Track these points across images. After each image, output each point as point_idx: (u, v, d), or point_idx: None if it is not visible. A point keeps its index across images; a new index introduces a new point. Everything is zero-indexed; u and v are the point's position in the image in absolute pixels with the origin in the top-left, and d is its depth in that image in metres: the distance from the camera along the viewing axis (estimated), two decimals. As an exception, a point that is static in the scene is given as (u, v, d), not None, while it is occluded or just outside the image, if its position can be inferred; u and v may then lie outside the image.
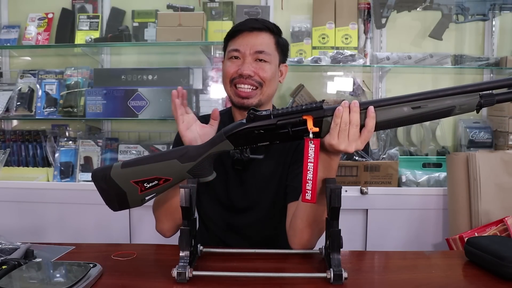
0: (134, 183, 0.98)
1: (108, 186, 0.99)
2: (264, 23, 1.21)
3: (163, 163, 0.97)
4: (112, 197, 1.00)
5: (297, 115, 0.91)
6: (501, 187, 1.81)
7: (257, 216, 1.24)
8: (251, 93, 1.18)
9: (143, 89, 2.20)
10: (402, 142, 2.27)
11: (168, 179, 0.97)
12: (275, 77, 1.22)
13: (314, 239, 1.06)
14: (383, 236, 2.02)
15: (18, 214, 2.10)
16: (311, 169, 0.88)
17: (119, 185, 0.98)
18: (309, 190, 0.88)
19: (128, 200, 1.00)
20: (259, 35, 1.19)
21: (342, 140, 0.89)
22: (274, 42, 1.22)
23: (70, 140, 2.27)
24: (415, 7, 2.23)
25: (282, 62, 1.27)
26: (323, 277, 0.88)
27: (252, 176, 1.23)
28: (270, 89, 1.21)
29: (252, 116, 0.93)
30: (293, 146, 1.22)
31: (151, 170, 0.97)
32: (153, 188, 0.98)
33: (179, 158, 0.97)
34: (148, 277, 0.92)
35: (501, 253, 0.92)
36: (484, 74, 2.36)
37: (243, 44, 1.18)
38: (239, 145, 0.96)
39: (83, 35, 2.31)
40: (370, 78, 2.35)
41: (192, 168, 0.97)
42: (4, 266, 0.88)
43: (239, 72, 1.18)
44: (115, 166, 0.99)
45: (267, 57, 1.19)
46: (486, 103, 0.89)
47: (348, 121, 0.89)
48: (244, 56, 1.18)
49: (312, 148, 0.87)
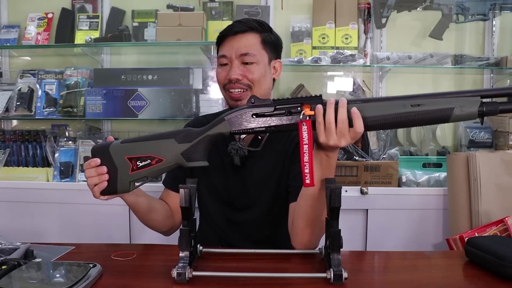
0: (128, 159, 0.97)
1: (104, 159, 0.99)
2: (248, 23, 1.21)
3: (161, 141, 0.97)
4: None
5: (296, 104, 0.93)
6: (501, 187, 1.81)
7: (257, 213, 1.24)
8: (242, 95, 1.20)
9: (143, 89, 2.20)
10: (402, 142, 2.27)
11: (161, 160, 0.96)
12: (265, 76, 1.22)
13: (316, 238, 1.06)
14: (383, 236, 2.02)
15: (18, 214, 2.10)
16: (306, 151, 0.89)
17: (114, 160, 0.98)
18: (307, 173, 0.89)
19: (117, 180, 0.98)
20: (242, 37, 1.20)
21: (329, 137, 0.90)
22: (260, 41, 1.21)
23: (70, 140, 2.27)
24: (415, 7, 2.23)
25: (275, 58, 1.26)
26: (323, 277, 0.88)
27: (252, 174, 1.24)
28: (262, 89, 1.21)
29: (253, 101, 0.95)
30: (292, 144, 1.22)
31: (148, 147, 0.97)
32: (144, 168, 0.96)
33: (176, 137, 0.97)
34: (148, 277, 0.92)
35: (501, 253, 0.92)
36: (484, 74, 2.36)
37: (229, 49, 1.20)
38: (236, 133, 0.96)
39: (83, 35, 2.31)
40: (370, 78, 2.35)
41: (186, 150, 0.96)
42: (4, 266, 0.88)
43: (228, 77, 1.20)
44: (116, 142, 1.00)
45: (253, 58, 1.19)
46: (489, 111, 0.86)
47: (333, 120, 0.89)
48: (231, 61, 1.20)
49: (305, 130, 0.89)
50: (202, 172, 1.27)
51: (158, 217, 1.21)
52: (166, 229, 1.26)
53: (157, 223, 1.22)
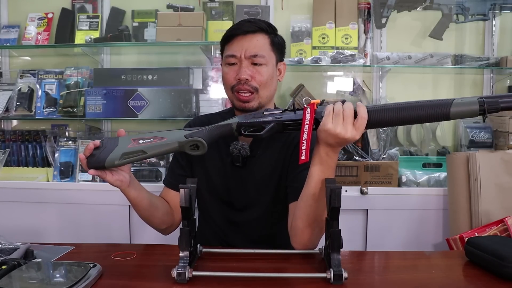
0: (132, 140, 0.99)
1: (108, 142, 1.01)
2: (258, 24, 1.20)
3: (170, 131, 1.00)
4: (102, 149, 1.00)
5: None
6: (501, 187, 1.81)
7: (257, 213, 1.25)
8: (250, 97, 1.19)
9: (143, 89, 2.20)
10: (402, 142, 2.27)
11: (162, 138, 0.98)
12: (272, 78, 1.22)
13: (315, 238, 1.06)
14: (383, 236, 2.02)
15: (18, 214, 2.10)
16: (306, 131, 0.96)
17: (118, 141, 1.00)
18: (303, 150, 0.95)
19: (112, 152, 0.98)
20: (253, 38, 1.19)
21: (337, 123, 0.94)
22: (269, 42, 1.21)
23: (70, 140, 2.26)
24: (415, 7, 2.23)
25: (280, 60, 1.26)
26: (323, 277, 0.88)
27: (252, 174, 1.24)
28: (268, 90, 1.22)
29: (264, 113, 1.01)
30: (292, 144, 1.23)
31: (155, 133, 1.00)
32: (143, 144, 0.98)
33: (185, 129, 1.00)
34: (148, 277, 0.92)
35: (501, 253, 0.92)
36: (484, 74, 2.36)
37: (238, 49, 1.19)
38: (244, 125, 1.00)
39: (83, 35, 2.31)
40: (370, 78, 2.35)
41: (191, 133, 0.98)
42: (4, 266, 0.88)
43: (237, 77, 1.19)
44: (127, 137, 1.02)
45: (263, 60, 1.19)
46: (491, 108, 0.88)
47: (341, 107, 0.95)
48: (240, 61, 1.19)
49: (309, 113, 0.96)
50: (203, 172, 1.27)
51: (158, 214, 1.21)
52: (165, 226, 1.25)
53: (158, 220, 1.22)
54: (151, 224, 1.23)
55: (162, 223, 1.24)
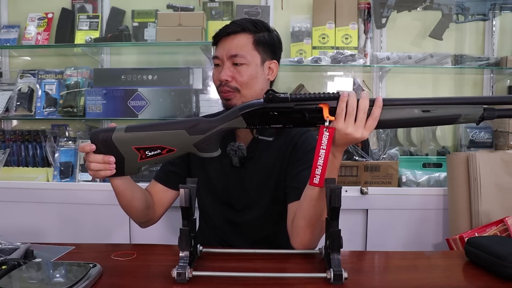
0: (136, 149, 0.96)
1: (107, 149, 0.97)
2: (241, 24, 1.20)
3: (170, 132, 0.96)
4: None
5: (314, 102, 0.94)
6: (501, 187, 1.81)
7: (256, 213, 1.24)
8: (230, 95, 1.19)
9: (143, 89, 2.20)
10: (402, 142, 2.27)
11: (172, 150, 0.96)
12: (256, 78, 1.20)
13: (316, 238, 1.06)
14: (383, 236, 2.02)
15: (18, 214, 2.10)
16: (322, 155, 0.91)
17: (119, 150, 0.97)
18: (317, 175, 0.92)
19: (125, 167, 0.98)
20: (234, 38, 1.19)
21: (349, 123, 0.92)
22: (252, 41, 1.20)
23: (70, 140, 2.27)
24: (415, 7, 2.23)
25: (271, 59, 1.23)
26: (323, 277, 0.88)
27: (251, 175, 1.23)
28: (252, 90, 1.19)
29: (270, 96, 0.94)
30: (291, 144, 1.22)
31: (156, 138, 0.96)
32: (154, 157, 0.97)
33: (188, 130, 0.96)
34: (148, 277, 0.92)
35: (501, 253, 0.92)
36: (484, 74, 2.36)
37: (221, 50, 1.20)
38: (252, 124, 0.96)
39: (83, 35, 2.31)
40: (370, 78, 2.35)
41: (199, 141, 0.96)
42: (4, 266, 0.88)
43: (219, 78, 1.20)
44: (118, 129, 0.98)
45: (243, 60, 1.18)
46: (487, 116, 0.92)
47: (356, 105, 0.92)
48: (223, 62, 1.20)
49: (326, 136, 0.91)
50: (202, 173, 1.27)
51: (140, 206, 1.18)
52: (144, 220, 1.23)
53: (136, 211, 1.18)
54: (130, 214, 1.20)
55: (142, 216, 1.21)
